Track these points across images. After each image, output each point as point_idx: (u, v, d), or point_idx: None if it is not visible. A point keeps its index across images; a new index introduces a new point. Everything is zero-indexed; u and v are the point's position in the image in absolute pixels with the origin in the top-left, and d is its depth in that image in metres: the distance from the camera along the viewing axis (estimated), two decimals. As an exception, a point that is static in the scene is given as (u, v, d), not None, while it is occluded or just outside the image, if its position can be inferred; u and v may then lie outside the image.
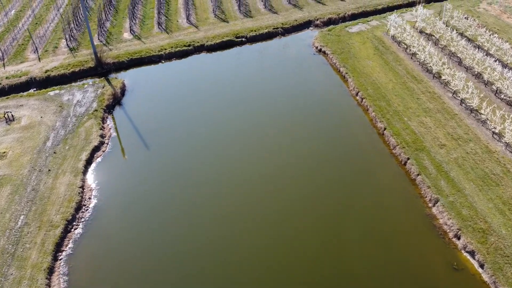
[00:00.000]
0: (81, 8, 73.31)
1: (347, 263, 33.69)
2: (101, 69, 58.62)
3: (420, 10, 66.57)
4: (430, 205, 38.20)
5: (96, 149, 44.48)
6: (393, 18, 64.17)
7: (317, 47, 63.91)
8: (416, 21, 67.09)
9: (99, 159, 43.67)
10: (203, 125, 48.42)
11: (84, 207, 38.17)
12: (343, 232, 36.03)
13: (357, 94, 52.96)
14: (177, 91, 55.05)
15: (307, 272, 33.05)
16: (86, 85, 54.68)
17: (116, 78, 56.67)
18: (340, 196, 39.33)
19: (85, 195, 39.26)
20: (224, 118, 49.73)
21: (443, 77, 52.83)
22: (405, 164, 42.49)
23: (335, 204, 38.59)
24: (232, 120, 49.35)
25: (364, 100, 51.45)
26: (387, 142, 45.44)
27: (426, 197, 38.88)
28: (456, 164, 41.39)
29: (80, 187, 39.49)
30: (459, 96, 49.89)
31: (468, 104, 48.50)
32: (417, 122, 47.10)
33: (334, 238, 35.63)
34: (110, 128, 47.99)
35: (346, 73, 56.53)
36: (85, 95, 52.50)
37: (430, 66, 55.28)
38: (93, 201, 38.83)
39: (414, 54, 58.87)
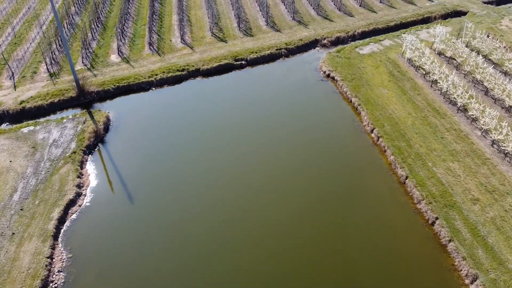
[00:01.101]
0: (65, 25, 66.97)
1: None
2: (84, 99, 52.30)
3: (439, 30, 60.19)
4: (467, 281, 31.80)
5: (71, 203, 38.11)
6: (409, 39, 57.77)
7: (325, 72, 57.54)
8: (434, 41, 60.73)
9: (74, 216, 37.28)
10: (200, 167, 42.08)
11: (51, 283, 31.81)
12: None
13: (372, 131, 46.56)
14: (168, 125, 48.67)
15: None
16: (65, 120, 48.29)
17: (99, 110, 50.25)
18: (357, 264, 32.96)
19: (54, 267, 32.88)
20: (223, 155, 43.61)
21: (470, 112, 46.46)
22: (433, 224, 36.10)
23: (352, 274, 32.24)
24: (232, 158, 43.20)
25: (380, 139, 45.07)
26: (410, 194, 39.05)
27: (461, 270, 32.47)
28: (494, 226, 35.02)
29: (48, 257, 33.11)
30: (490, 136, 43.57)
31: (501, 146, 42.16)
32: (444, 168, 40.74)
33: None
34: (89, 175, 41.61)
35: (359, 105, 50.14)
36: (63, 132, 46.13)
37: (454, 98, 48.94)
38: (63, 276, 32.43)
39: (434, 82, 52.55)
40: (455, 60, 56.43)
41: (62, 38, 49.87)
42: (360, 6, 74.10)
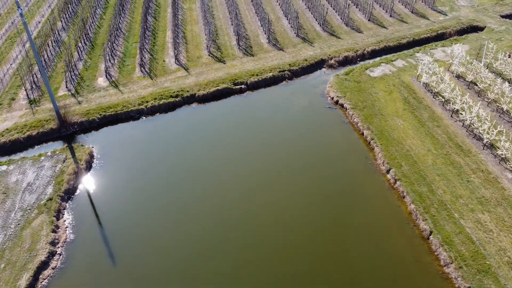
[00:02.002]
0: (50, 43, 61.74)
1: None
2: (65, 131, 47.05)
3: (457, 50, 54.85)
4: None
5: (43, 265, 32.84)
6: (426, 62, 52.47)
7: (332, 98, 52.24)
8: (451, 63, 55.47)
9: (45, 283, 32.00)
10: (199, 212, 36.90)
11: None
12: None
13: (388, 172, 41.28)
14: (160, 161, 43.36)
15: None
16: (43, 157, 43.04)
17: (82, 145, 44.98)
18: None
19: None
20: (223, 194, 38.77)
21: (499, 152, 41.19)
22: (464, 294, 30.89)
23: None
24: (232, 198, 38.23)
25: (398, 182, 39.79)
26: (436, 254, 33.74)
27: None
28: (538, 300, 29.81)
29: None
30: (523, 180, 38.36)
31: (538, 194, 36.95)
32: (473, 221, 35.47)
33: None
34: (66, 228, 36.31)
35: (372, 139, 44.89)
36: (39, 173, 40.90)
37: (479, 132, 43.68)
38: None
39: (455, 111, 47.31)
40: (477, 85, 51.16)
41: (40, 71, 44.78)
42: (369, 20, 68.82)
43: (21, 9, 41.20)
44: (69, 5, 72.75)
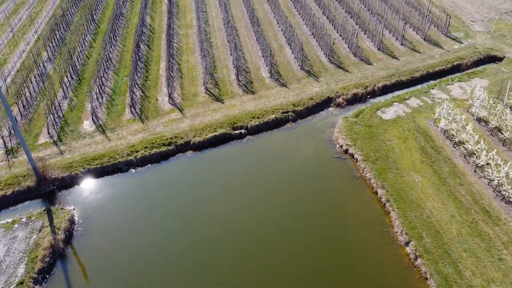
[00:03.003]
0: (33, 78, 56.84)
1: None
2: (45, 188, 42.17)
3: (478, 91, 49.91)
4: None
5: None
6: (445, 107, 47.52)
7: (341, 146, 47.32)
8: (471, 104, 50.63)
9: None
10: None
11: None
12: None
13: (407, 244, 36.39)
14: (153, 224, 38.46)
15: None
16: (16, 225, 38.11)
17: (62, 208, 40.02)
18: None
19: None
20: (221, 263, 33.73)
21: (533, 222, 36.36)
22: None
23: None
24: (230, 266, 33.31)
25: (419, 259, 34.88)
26: None
27: None
28: None
29: None
30: None
31: None
32: (509, 315, 30.64)
33: None
34: (38, 321, 31.49)
35: (388, 201, 40.00)
36: (11, 246, 35.99)
37: (509, 195, 38.78)
38: None
39: (479, 166, 42.44)
40: (501, 132, 46.25)
41: (15, 129, 39.81)
42: (378, 50, 63.90)
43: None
44: (57, 32, 67.81)
